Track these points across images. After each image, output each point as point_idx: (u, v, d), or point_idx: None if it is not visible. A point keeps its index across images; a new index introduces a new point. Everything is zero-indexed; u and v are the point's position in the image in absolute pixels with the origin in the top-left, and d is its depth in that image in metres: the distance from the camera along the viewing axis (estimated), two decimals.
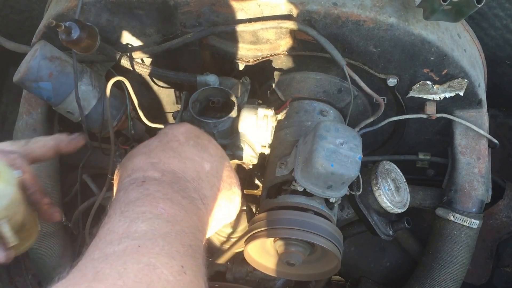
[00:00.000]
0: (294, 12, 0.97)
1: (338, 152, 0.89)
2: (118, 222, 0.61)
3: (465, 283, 1.20)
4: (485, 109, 1.15)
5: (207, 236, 0.76)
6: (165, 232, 0.61)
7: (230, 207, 0.83)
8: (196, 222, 0.69)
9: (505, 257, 1.40)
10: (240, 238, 1.09)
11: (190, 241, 0.63)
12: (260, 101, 1.09)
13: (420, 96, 1.11)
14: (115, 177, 0.80)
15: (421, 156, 1.30)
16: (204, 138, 0.84)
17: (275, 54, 1.09)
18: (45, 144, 0.82)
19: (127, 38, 1.08)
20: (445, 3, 0.83)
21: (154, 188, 0.68)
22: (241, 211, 1.11)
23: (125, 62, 1.09)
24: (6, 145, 0.79)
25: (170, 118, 1.42)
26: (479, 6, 0.83)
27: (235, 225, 1.15)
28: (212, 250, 1.18)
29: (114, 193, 0.73)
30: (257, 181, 1.21)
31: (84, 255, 0.58)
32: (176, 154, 0.77)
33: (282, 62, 1.15)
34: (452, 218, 1.12)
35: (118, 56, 1.08)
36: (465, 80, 1.06)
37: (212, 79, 1.04)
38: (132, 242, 0.57)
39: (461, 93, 1.09)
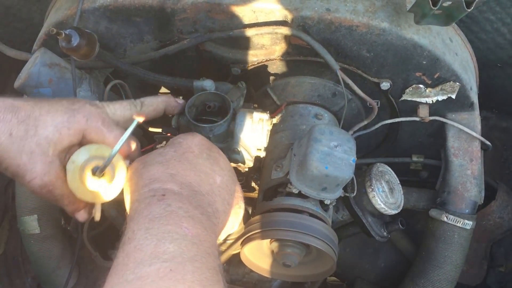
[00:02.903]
0: (289, 18, 0.99)
1: (333, 154, 0.90)
2: (145, 240, 0.61)
3: (460, 284, 1.20)
4: (477, 111, 1.16)
5: None
6: (192, 256, 0.61)
7: (235, 220, 0.85)
8: (214, 240, 0.69)
9: (498, 257, 1.40)
10: (236, 240, 1.10)
11: (213, 263, 0.63)
12: (255, 105, 1.10)
13: (413, 99, 1.13)
14: (126, 181, 0.79)
15: (414, 158, 1.31)
16: (215, 150, 0.85)
17: (270, 59, 1.11)
18: (156, 108, 0.93)
19: (125, 44, 1.10)
20: (436, 8, 0.84)
21: (176, 205, 0.68)
22: None
23: (123, 68, 1.10)
24: (125, 109, 0.86)
25: (168, 123, 1.43)
26: (469, 10, 0.84)
27: None
28: None
29: (130, 201, 0.72)
30: (253, 184, 1.22)
31: (112, 271, 0.58)
32: (192, 167, 0.77)
33: (277, 67, 1.16)
34: (445, 219, 1.13)
35: (116, 63, 1.09)
36: (457, 83, 1.07)
37: (208, 84, 1.05)
38: (164, 264, 0.57)
39: (453, 96, 1.10)
